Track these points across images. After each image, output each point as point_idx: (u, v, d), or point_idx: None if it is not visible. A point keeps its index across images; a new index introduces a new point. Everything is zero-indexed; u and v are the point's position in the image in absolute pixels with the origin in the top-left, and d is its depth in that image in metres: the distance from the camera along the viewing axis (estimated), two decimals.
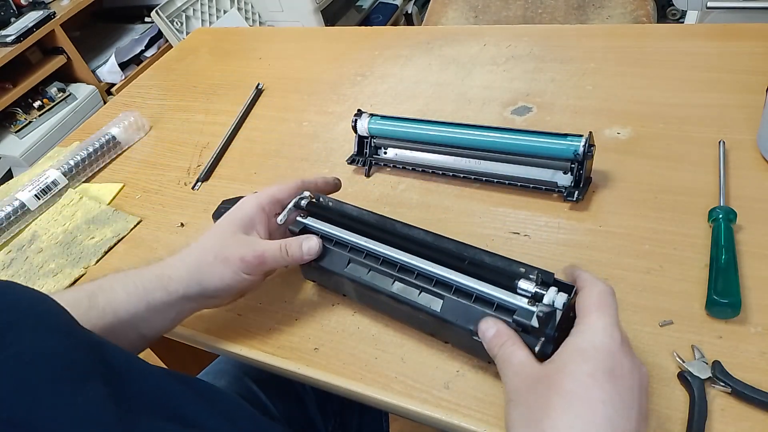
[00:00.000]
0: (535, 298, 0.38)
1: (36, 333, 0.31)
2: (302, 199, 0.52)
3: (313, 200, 0.52)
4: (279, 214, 0.51)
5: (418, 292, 0.45)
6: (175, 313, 0.47)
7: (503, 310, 0.40)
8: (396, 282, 0.46)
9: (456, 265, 0.43)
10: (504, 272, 0.41)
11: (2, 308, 0.32)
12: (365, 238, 0.48)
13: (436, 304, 0.43)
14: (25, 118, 1.91)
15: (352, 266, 0.48)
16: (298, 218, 0.51)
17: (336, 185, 0.56)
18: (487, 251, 0.44)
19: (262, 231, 0.49)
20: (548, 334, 0.37)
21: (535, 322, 0.37)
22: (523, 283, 0.39)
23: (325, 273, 0.50)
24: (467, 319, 0.41)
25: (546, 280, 0.39)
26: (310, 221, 0.51)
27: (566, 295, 0.38)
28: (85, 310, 0.43)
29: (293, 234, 0.51)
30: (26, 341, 0.30)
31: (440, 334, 0.47)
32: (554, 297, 0.38)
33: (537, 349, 0.37)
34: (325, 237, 0.50)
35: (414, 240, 0.47)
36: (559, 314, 0.37)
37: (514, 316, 0.38)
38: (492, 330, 0.39)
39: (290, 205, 0.51)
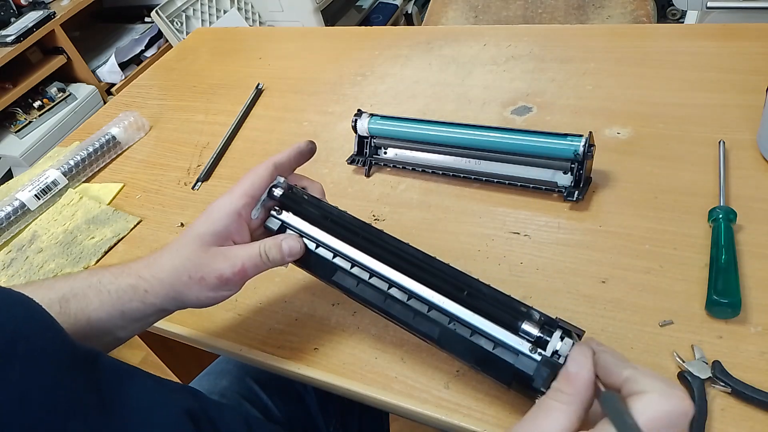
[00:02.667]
0: (538, 344, 0.36)
1: (25, 366, 0.30)
2: (275, 187, 0.46)
3: (287, 192, 0.46)
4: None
5: (413, 315, 0.41)
6: (153, 319, 0.45)
7: (502, 350, 0.38)
8: (388, 299, 0.42)
9: (452, 293, 0.40)
10: (504, 309, 0.39)
11: None
12: (350, 247, 0.44)
13: (433, 331, 0.40)
14: (25, 118, 1.91)
15: (339, 275, 0.44)
16: (274, 213, 0.46)
17: (311, 150, 0.50)
18: (482, 282, 0.41)
19: (240, 238, 0.45)
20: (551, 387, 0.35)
21: (539, 380, 0.35)
22: (526, 326, 0.37)
23: (315, 273, 0.47)
24: (465, 352, 0.39)
25: (548, 323, 0.37)
26: (288, 218, 0.46)
27: (571, 342, 0.35)
28: (56, 314, 0.40)
29: (270, 233, 0.46)
30: (14, 379, 0.29)
31: (439, 349, 0.44)
32: (558, 345, 0.35)
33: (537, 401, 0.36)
34: (306, 238, 0.45)
35: (402, 256, 0.43)
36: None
37: (516, 365, 0.36)
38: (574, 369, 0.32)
39: (263, 197, 0.45)
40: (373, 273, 0.43)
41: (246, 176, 0.46)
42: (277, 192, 0.46)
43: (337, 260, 0.44)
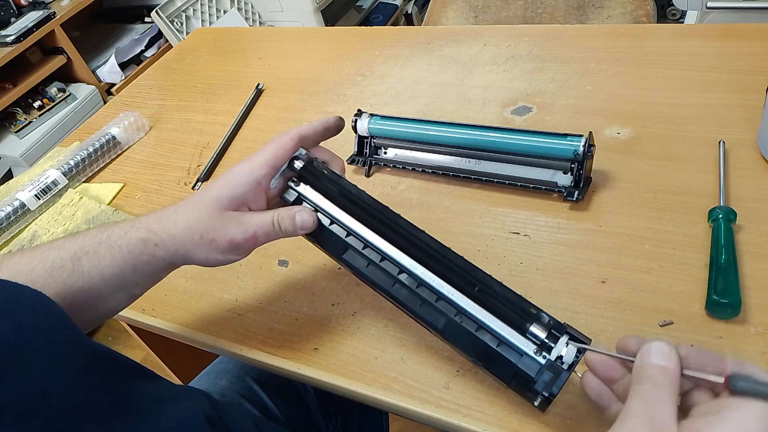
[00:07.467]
0: (543, 347, 0.36)
1: (45, 362, 0.30)
2: (296, 159, 0.46)
3: (307, 165, 0.46)
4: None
5: (420, 302, 0.41)
6: (163, 274, 0.45)
7: (506, 348, 0.38)
8: (396, 284, 0.43)
9: (463, 287, 0.40)
10: (514, 308, 0.39)
11: (8, 329, 0.29)
12: (365, 228, 0.44)
13: (438, 321, 0.41)
14: (25, 118, 1.91)
15: (350, 253, 0.44)
16: (291, 185, 0.46)
17: (338, 126, 0.49)
18: (495, 279, 0.41)
19: (256, 206, 0.45)
20: (553, 393, 0.35)
21: (541, 384, 0.36)
22: (534, 328, 0.37)
23: (326, 249, 0.46)
24: (468, 346, 0.39)
25: (556, 328, 0.37)
26: (305, 190, 0.46)
27: (575, 348, 0.36)
28: (69, 273, 0.41)
29: (286, 203, 0.46)
30: (34, 375, 0.29)
31: (442, 339, 0.44)
32: (563, 351, 0.36)
33: (536, 404, 0.36)
34: (320, 213, 0.45)
35: (417, 244, 0.43)
36: (566, 377, 0.35)
37: (518, 365, 0.37)
38: (659, 361, 0.32)
39: (283, 167, 0.46)
40: (384, 256, 0.43)
41: (270, 145, 0.45)
42: (298, 164, 0.46)
43: (350, 239, 0.44)
